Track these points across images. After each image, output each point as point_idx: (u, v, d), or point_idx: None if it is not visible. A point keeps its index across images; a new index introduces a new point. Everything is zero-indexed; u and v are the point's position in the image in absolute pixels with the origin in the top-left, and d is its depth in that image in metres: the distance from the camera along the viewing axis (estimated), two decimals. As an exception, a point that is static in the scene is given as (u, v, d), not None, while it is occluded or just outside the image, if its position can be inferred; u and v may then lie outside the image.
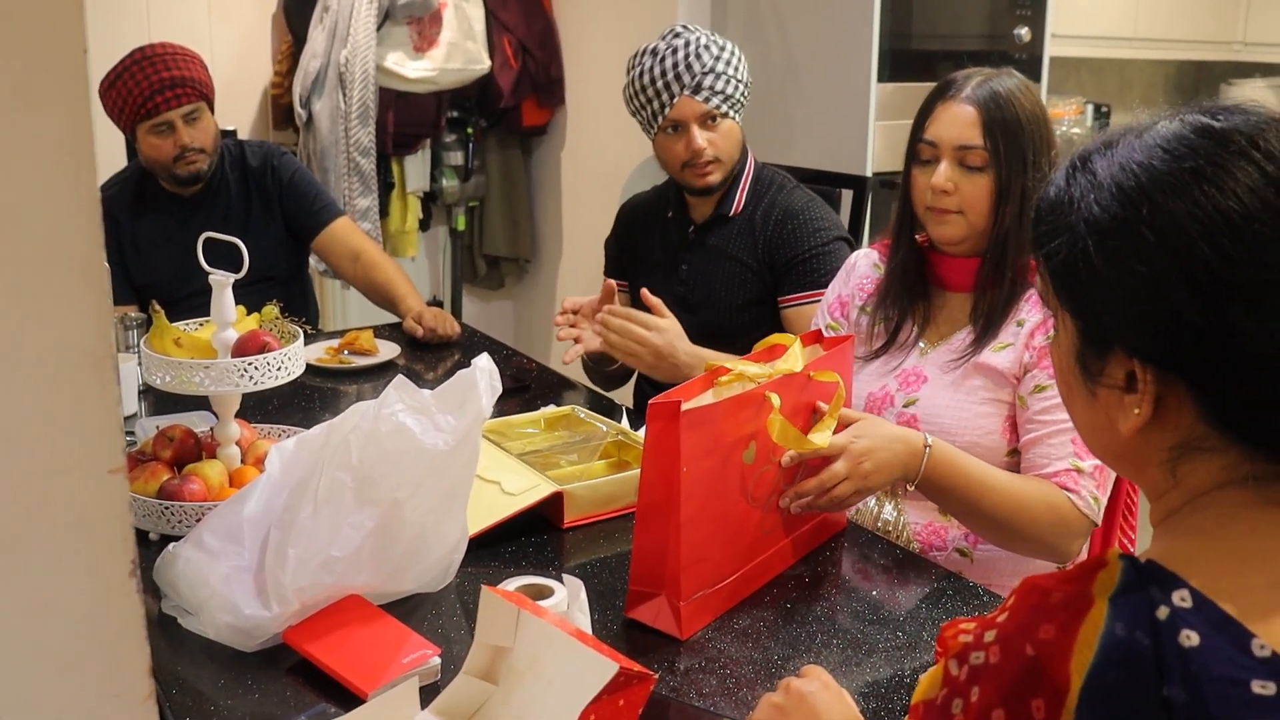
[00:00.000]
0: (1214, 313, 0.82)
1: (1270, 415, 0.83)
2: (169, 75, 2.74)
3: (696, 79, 2.45)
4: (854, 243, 2.57)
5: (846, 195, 2.91)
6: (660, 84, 2.46)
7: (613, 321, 2.25)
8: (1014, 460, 1.85)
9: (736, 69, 2.51)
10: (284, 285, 3.06)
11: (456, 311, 4.53)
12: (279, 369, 1.73)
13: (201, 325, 1.89)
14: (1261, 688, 0.75)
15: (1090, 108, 4.85)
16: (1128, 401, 0.89)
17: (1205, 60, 5.25)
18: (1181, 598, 0.79)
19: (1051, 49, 3.67)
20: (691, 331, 2.59)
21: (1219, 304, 0.82)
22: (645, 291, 2.31)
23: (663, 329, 2.25)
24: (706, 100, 2.46)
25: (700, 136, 2.47)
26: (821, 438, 1.59)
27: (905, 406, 1.91)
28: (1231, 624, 0.78)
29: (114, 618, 0.71)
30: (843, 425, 1.68)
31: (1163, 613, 0.78)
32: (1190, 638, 0.77)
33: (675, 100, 2.46)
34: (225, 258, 1.77)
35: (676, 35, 2.51)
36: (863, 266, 2.11)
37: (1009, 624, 0.84)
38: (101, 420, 0.69)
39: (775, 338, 1.73)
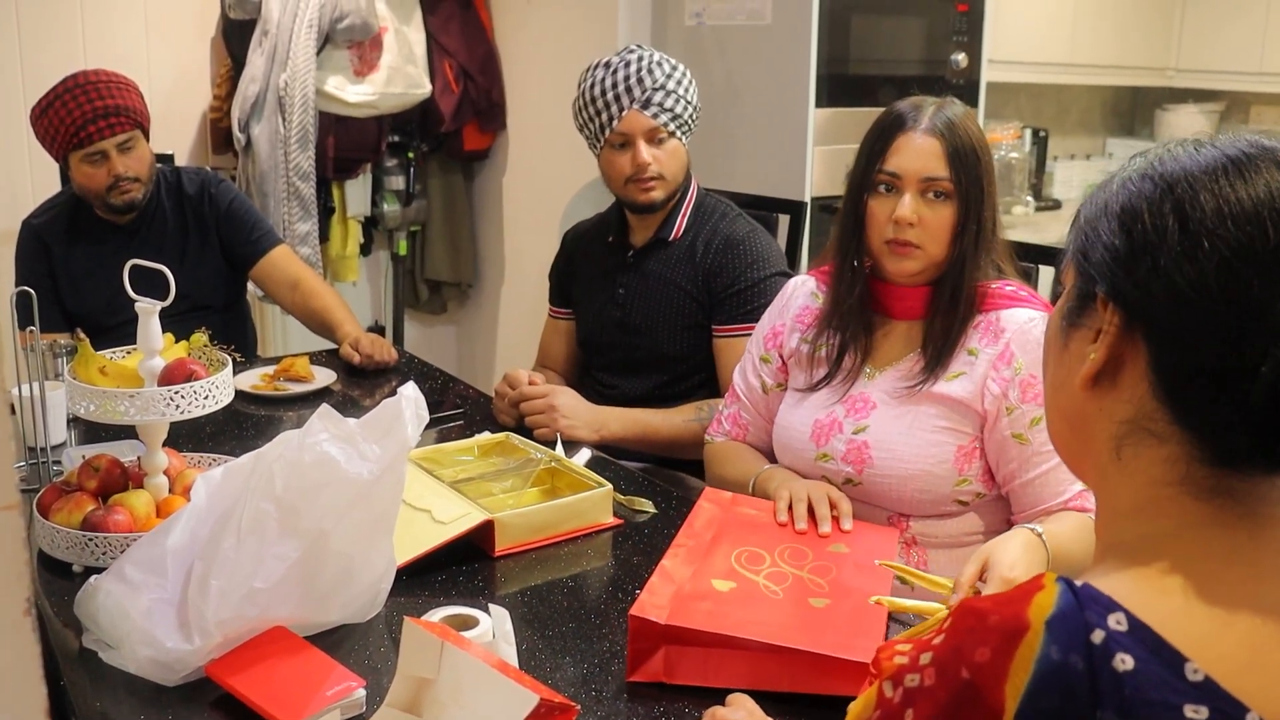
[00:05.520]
0: (1192, 262, 0.82)
1: (1217, 395, 0.82)
2: (102, 104, 2.70)
3: (646, 94, 2.46)
4: (792, 275, 2.57)
5: (784, 220, 2.93)
6: (610, 96, 2.47)
7: (527, 405, 2.33)
8: (964, 490, 1.84)
9: (687, 90, 2.53)
10: (221, 313, 3.02)
11: (398, 337, 4.50)
12: (206, 397, 1.71)
13: (128, 353, 1.86)
14: (1194, 712, 0.76)
15: (1028, 132, 4.91)
16: (1090, 349, 0.89)
17: (1140, 86, 5.34)
18: (1117, 621, 0.79)
19: (988, 74, 3.71)
20: (630, 355, 2.60)
21: (1198, 256, 0.82)
22: (529, 375, 2.40)
23: (558, 390, 2.35)
24: (655, 116, 2.47)
25: (646, 151, 2.48)
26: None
27: (855, 434, 1.89)
28: (1165, 648, 0.78)
29: (8, 657, 0.69)
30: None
31: (1098, 636, 0.78)
32: (1125, 662, 0.77)
33: (624, 113, 2.47)
34: (155, 285, 1.75)
35: (630, 51, 2.53)
36: (800, 296, 2.09)
37: (944, 646, 0.83)
38: (-7, 457, 0.67)
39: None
